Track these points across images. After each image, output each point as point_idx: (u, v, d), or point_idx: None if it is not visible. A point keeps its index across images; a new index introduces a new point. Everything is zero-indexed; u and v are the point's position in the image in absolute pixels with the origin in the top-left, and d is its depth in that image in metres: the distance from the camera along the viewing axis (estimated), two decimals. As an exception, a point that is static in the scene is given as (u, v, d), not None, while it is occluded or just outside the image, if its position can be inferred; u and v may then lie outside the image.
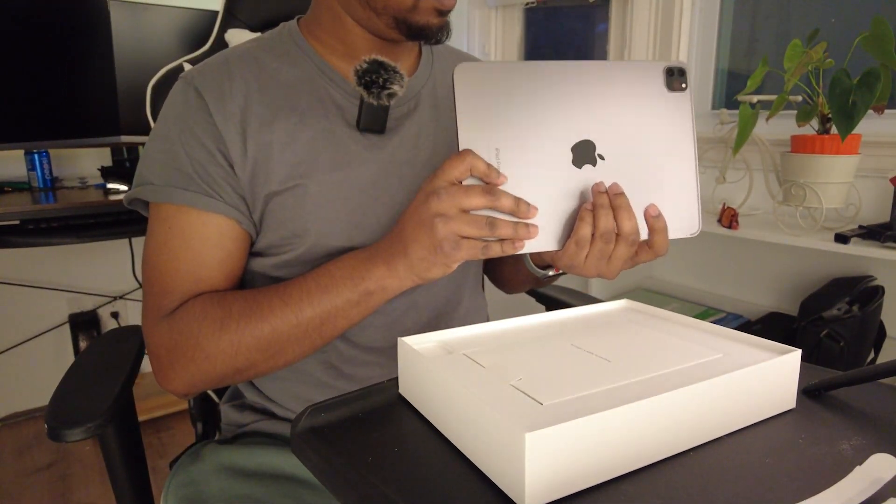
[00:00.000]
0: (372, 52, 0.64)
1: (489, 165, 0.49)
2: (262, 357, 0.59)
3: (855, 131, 1.12)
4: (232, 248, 0.63)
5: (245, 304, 0.59)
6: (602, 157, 0.51)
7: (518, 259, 0.70)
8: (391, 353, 0.68)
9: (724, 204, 1.40)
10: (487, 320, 0.66)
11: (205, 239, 0.61)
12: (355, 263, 0.58)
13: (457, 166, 0.49)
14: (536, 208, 0.50)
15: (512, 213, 0.49)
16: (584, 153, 0.51)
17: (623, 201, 0.51)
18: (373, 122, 0.64)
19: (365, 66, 0.60)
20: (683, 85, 0.53)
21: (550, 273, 0.67)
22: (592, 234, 0.51)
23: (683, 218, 0.54)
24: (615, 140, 0.52)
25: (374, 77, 0.60)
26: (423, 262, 0.53)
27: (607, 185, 0.51)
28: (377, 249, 0.58)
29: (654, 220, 0.52)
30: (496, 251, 0.50)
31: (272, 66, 0.65)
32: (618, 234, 0.51)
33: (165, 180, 0.61)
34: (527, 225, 0.50)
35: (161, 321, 0.60)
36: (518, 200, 0.49)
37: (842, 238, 1.18)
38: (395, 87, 0.61)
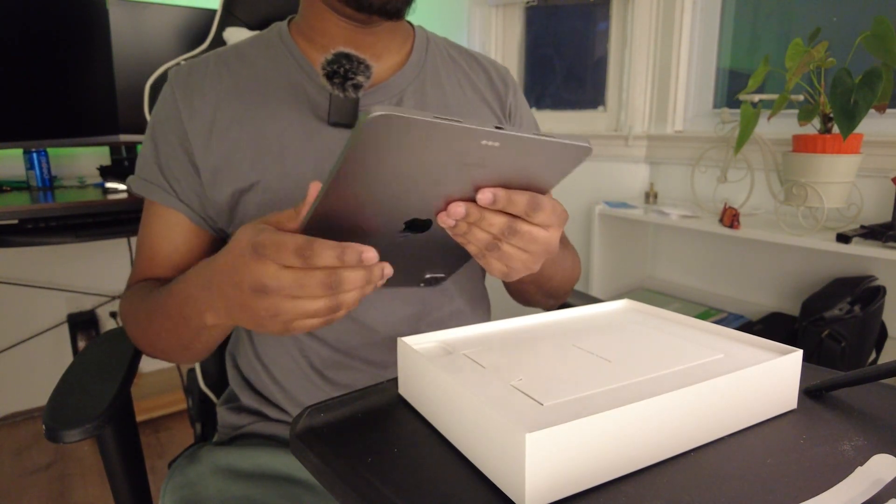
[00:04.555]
0: (347, 40, 0.65)
1: (343, 249, 0.39)
2: (163, 355, 0.63)
3: (857, 131, 1.12)
4: (181, 241, 0.66)
5: (141, 308, 0.62)
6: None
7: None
8: (373, 358, 0.68)
9: (726, 204, 1.40)
10: (487, 320, 0.66)
11: (159, 228, 0.66)
12: (184, 301, 0.52)
13: (288, 258, 0.40)
14: (389, 268, 0.43)
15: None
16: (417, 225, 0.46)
17: (472, 217, 0.44)
18: (342, 115, 0.63)
19: (330, 57, 0.59)
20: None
21: None
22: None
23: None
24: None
25: (337, 68, 0.59)
26: (272, 333, 0.46)
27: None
28: (199, 296, 0.50)
29: (495, 205, 0.43)
30: (340, 316, 0.44)
31: (252, 61, 0.67)
32: (496, 237, 0.45)
33: (139, 171, 0.67)
34: (373, 281, 0.43)
35: (123, 293, 0.68)
36: (370, 272, 0.41)
37: (843, 238, 1.18)
38: (360, 78, 0.59)
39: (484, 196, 0.42)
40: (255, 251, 0.41)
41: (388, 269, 0.43)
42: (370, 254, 0.40)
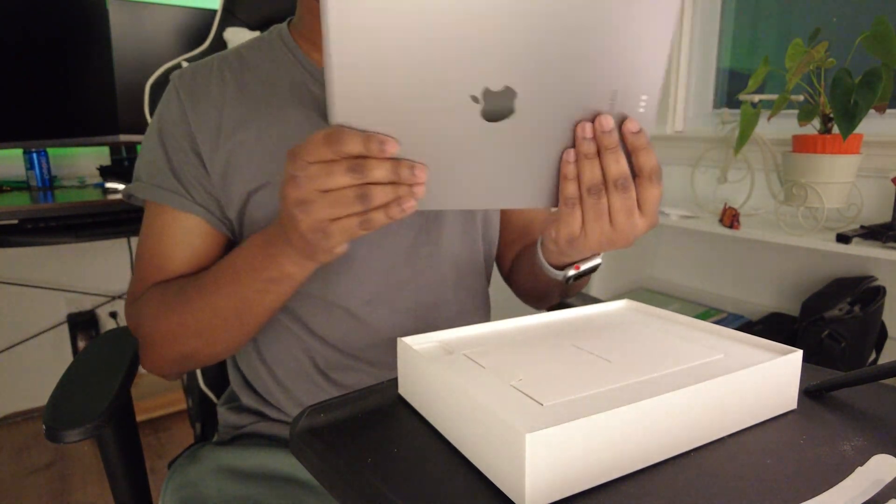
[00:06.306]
0: None
1: (367, 138, 0.41)
2: (200, 343, 0.61)
3: (856, 131, 1.11)
4: (199, 245, 0.65)
5: (178, 291, 0.61)
6: (520, 105, 0.42)
7: (534, 266, 0.64)
8: (376, 360, 0.68)
9: (726, 204, 1.40)
10: (488, 321, 0.66)
11: (173, 234, 0.64)
12: (255, 252, 0.55)
13: (318, 150, 0.42)
14: (423, 166, 0.42)
15: (393, 181, 0.43)
16: (499, 103, 0.42)
17: (611, 140, 0.44)
18: None
19: None
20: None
21: (571, 273, 0.59)
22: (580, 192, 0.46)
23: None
24: (543, 82, 0.41)
25: None
26: (305, 249, 0.48)
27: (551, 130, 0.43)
28: (271, 235, 0.53)
29: (635, 136, 0.44)
30: (379, 221, 0.44)
31: (255, 63, 0.66)
32: (606, 183, 0.45)
33: (148, 177, 0.65)
34: (410, 184, 0.42)
35: (130, 305, 0.65)
36: (397, 165, 0.42)
37: (843, 238, 1.18)
38: None
39: (632, 124, 0.44)
40: (288, 157, 0.44)
41: (420, 172, 0.42)
42: (391, 144, 0.41)
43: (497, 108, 0.42)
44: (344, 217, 0.43)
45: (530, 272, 0.71)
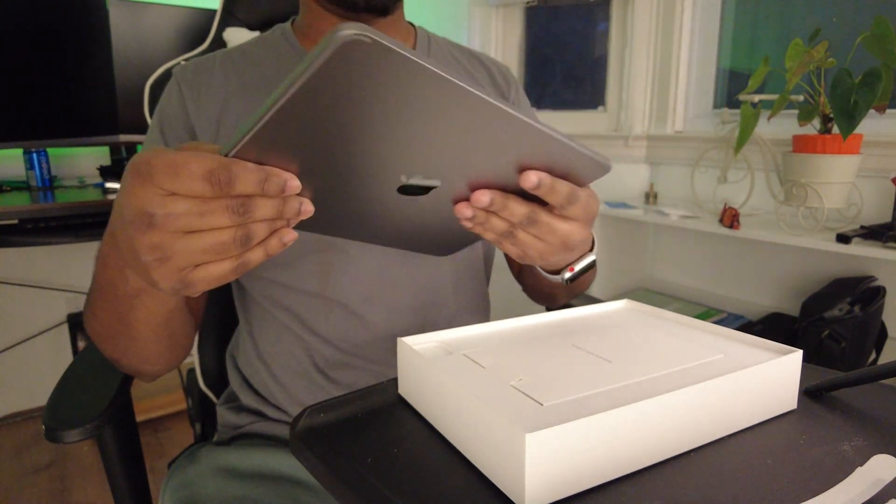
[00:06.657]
0: None
1: (266, 177, 0.33)
2: (113, 350, 0.55)
3: (856, 131, 1.11)
4: None
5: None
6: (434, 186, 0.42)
7: (535, 271, 0.63)
8: (375, 357, 0.68)
9: (726, 204, 1.40)
10: (487, 320, 0.66)
11: None
12: (109, 262, 0.46)
13: (192, 183, 0.32)
14: (308, 201, 0.37)
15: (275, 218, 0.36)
16: (415, 188, 0.42)
17: (494, 206, 0.42)
18: None
19: None
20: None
21: (567, 275, 0.57)
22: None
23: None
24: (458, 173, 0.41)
25: None
26: (164, 289, 0.37)
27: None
28: (124, 255, 0.40)
29: (537, 191, 0.41)
30: (257, 260, 0.37)
31: (258, 61, 0.67)
32: (513, 225, 0.44)
33: None
34: (287, 215, 0.36)
35: None
36: (285, 200, 0.35)
37: (843, 238, 1.18)
38: None
39: (529, 179, 0.39)
40: (139, 173, 0.32)
41: (308, 207, 0.36)
42: (294, 182, 0.34)
43: (412, 190, 0.42)
44: (214, 262, 0.35)
45: (533, 276, 0.71)
